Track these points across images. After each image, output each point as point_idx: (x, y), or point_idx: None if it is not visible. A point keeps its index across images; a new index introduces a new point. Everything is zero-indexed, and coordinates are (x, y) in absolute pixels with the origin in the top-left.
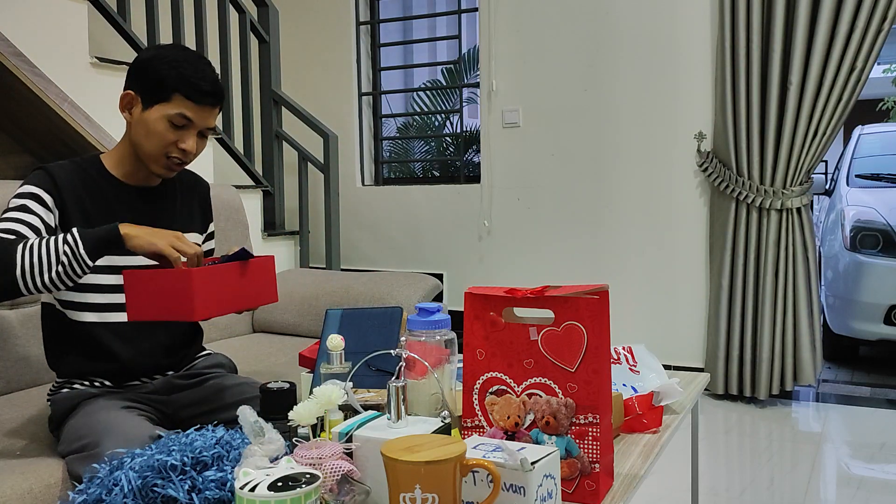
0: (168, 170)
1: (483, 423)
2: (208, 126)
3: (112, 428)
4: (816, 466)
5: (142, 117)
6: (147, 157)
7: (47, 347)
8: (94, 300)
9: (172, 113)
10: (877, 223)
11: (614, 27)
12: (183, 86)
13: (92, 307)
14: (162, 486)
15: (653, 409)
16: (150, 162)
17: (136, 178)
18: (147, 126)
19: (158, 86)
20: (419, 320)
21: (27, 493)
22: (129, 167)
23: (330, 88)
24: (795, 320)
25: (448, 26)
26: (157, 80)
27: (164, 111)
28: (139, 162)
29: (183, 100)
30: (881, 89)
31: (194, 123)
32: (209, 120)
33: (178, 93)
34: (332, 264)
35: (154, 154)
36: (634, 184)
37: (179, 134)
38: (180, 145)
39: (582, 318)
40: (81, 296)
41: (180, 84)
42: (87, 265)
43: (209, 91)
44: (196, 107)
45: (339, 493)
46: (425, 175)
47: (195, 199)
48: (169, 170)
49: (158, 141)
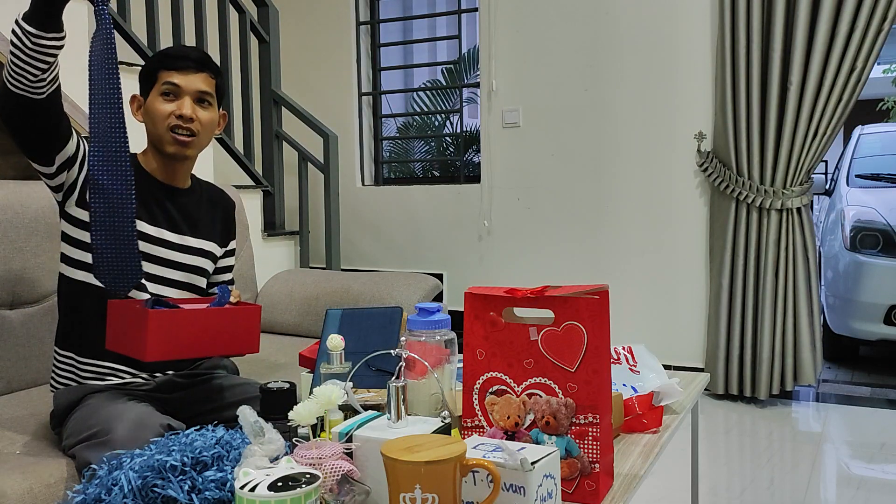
0: (177, 144)
1: (483, 423)
2: (200, 90)
3: (123, 415)
4: (816, 466)
5: (145, 109)
6: (158, 140)
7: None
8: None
9: (160, 86)
10: (877, 223)
11: (614, 27)
12: (162, 61)
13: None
14: (162, 486)
15: (653, 409)
16: (162, 145)
17: (164, 174)
18: (149, 112)
19: (148, 75)
20: (419, 320)
21: (27, 493)
22: (154, 164)
23: (330, 88)
24: (795, 320)
25: (448, 26)
26: (146, 72)
27: (155, 91)
28: (159, 155)
29: (165, 72)
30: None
31: (182, 88)
32: (197, 83)
33: (160, 69)
34: (332, 264)
35: (161, 133)
36: (634, 184)
37: (175, 104)
38: (177, 112)
39: (582, 318)
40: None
41: (160, 61)
42: (29, 32)
43: (186, 56)
44: (178, 73)
45: (339, 493)
46: (425, 175)
47: (219, 212)
48: (178, 144)
49: (159, 117)
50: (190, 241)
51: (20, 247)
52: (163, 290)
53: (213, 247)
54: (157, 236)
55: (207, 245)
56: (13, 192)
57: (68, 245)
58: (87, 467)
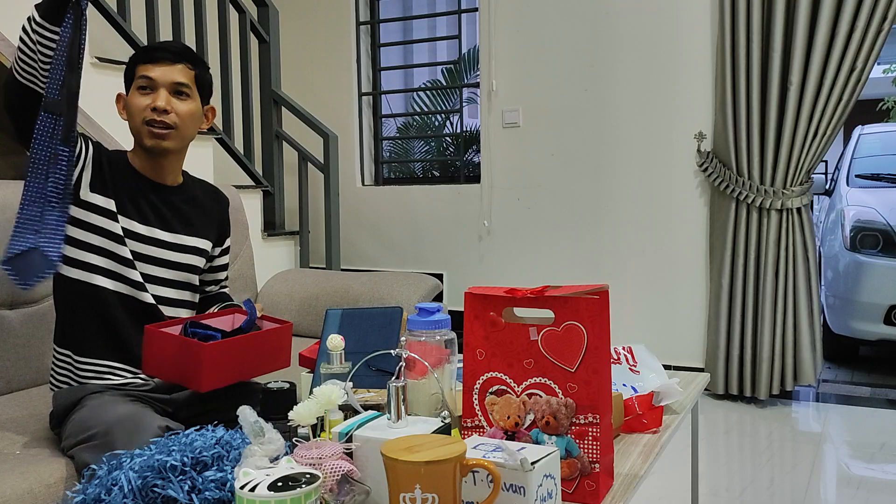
0: (154, 137)
1: (483, 423)
2: (175, 81)
3: (122, 417)
4: (816, 466)
5: (126, 105)
6: (137, 135)
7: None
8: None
9: (137, 80)
10: (877, 223)
11: (614, 27)
12: (140, 56)
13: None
14: (162, 486)
15: (653, 409)
16: (141, 139)
17: (151, 171)
18: (128, 107)
19: (128, 71)
20: (419, 320)
21: (27, 493)
22: (140, 161)
23: (330, 88)
24: (795, 320)
25: (448, 26)
26: (127, 68)
27: (133, 86)
28: (142, 150)
29: (142, 66)
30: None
31: (156, 80)
32: (172, 74)
33: (137, 63)
34: (332, 264)
35: (138, 127)
36: (634, 184)
37: (150, 97)
38: (152, 105)
39: (582, 318)
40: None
41: (138, 56)
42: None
43: (162, 47)
44: (153, 66)
45: (339, 493)
46: (425, 175)
47: (214, 210)
48: (154, 137)
49: (136, 111)
50: (184, 240)
51: None
52: (159, 290)
53: (207, 244)
54: (149, 235)
55: (201, 243)
56: (13, 192)
57: (65, 244)
58: (86, 468)
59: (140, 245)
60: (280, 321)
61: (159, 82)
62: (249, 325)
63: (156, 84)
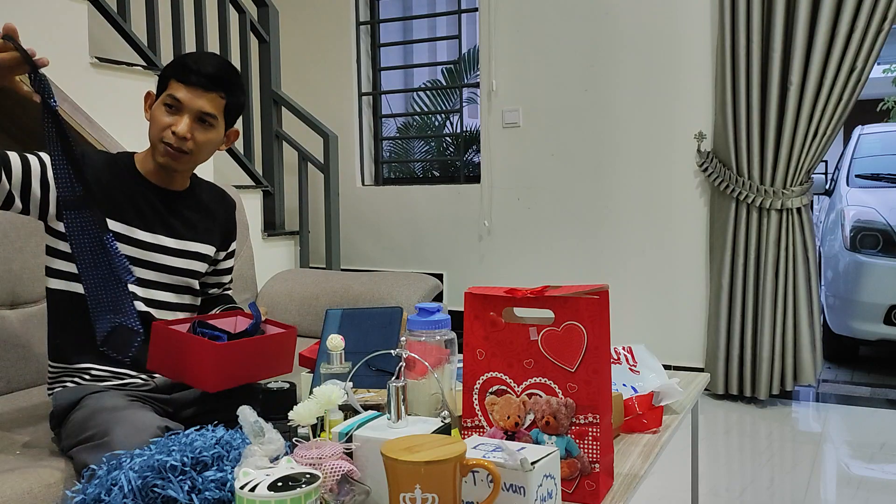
0: (167, 157)
1: (483, 423)
2: (202, 109)
3: (121, 418)
4: (816, 466)
5: (151, 110)
6: (152, 144)
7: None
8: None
9: (165, 96)
10: (877, 223)
11: (614, 27)
12: (176, 70)
13: None
14: (162, 486)
15: (653, 409)
16: (154, 150)
17: (159, 177)
18: (152, 117)
19: (163, 78)
20: (419, 320)
21: (27, 493)
22: (150, 165)
23: (330, 88)
24: (795, 320)
25: (448, 26)
26: (162, 75)
27: (161, 99)
28: (154, 160)
29: (174, 83)
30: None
31: (183, 105)
32: (200, 102)
33: (172, 78)
34: (332, 264)
35: (154, 141)
36: (634, 184)
37: (173, 118)
38: (172, 128)
39: (582, 318)
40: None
41: (175, 69)
42: None
43: (198, 72)
44: (185, 88)
45: (339, 493)
46: (425, 175)
47: (219, 214)
48: (168, 157)
49: (156, 126)
50: (187, 245)
51: (20, 247)
52: (157, 295)
53: (210, 249)
54: (152, 242)
55: (204, 248)
56: None
57: (54, 258)
58: (86, 468)
59: (141, 251)
60: (284, 325)
61: (185, 107)
62: (255, 329)
63: (182, 107)
